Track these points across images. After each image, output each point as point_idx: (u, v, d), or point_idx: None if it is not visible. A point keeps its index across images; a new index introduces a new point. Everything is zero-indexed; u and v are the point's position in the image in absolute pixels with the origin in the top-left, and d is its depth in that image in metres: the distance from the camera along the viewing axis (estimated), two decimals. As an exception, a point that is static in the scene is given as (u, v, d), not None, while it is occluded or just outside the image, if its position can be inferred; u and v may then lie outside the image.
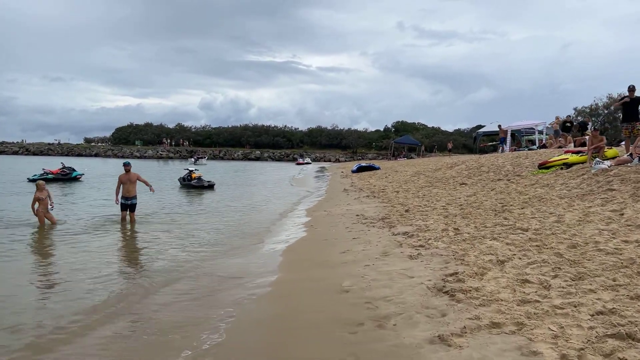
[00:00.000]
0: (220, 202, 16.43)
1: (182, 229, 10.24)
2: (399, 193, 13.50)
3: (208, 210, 13.98)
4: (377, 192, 14.52)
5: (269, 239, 8.85)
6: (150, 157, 73.89)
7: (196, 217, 12.31)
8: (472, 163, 18.70)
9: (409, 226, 7.82)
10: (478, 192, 11.15)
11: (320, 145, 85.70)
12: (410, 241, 6.53)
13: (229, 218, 12.25)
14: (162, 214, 12.95)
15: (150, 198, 16.52)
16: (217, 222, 11.56)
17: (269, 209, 14.39)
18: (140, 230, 10.28)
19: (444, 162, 23.02)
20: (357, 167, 29.84)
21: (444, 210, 9.07)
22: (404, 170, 23.66)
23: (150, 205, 14.40)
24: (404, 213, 9.41)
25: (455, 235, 6.59)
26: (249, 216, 12.94)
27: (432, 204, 10.27)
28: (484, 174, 15.01)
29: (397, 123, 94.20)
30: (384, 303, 4.12)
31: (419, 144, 50.10)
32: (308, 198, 16.85)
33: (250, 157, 77.44)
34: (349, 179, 23.78)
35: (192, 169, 21.38)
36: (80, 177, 23.03)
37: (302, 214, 11.99)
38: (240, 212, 13.53)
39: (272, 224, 10.92)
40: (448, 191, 12.38)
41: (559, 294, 3.79)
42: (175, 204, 15.68)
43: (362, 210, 10.58)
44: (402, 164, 34.18)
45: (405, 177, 19.46)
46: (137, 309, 4.93)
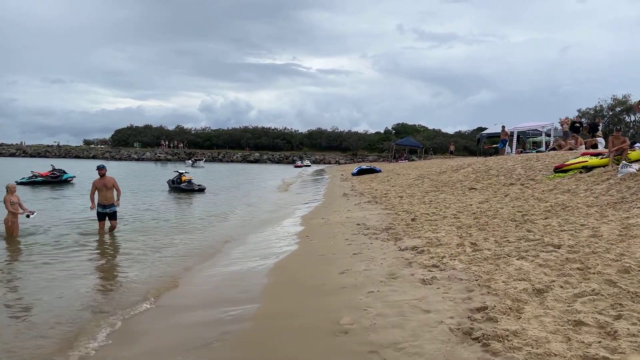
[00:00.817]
0: (210, 208, 15.46)
1: (156, 242, 9.23)
2: (402, 198, 12.51)
3: (191, 219, 12.95)
4: (379, 197, 13.53)
5: (256, 251, 7.86)
6: (148, 159, 73.01)
7: (174, 227, 11.27)
8: (478, 166, 17.71)
9: (418, 239, 6.83)
10: (491, 198, 10.16)
11: (320, 147, 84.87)
12: (421, 259, 5.54)
13: (213, 229, 11.26)
14: (144, 220, 12.00)
15: (133, 202, 15.56)
16: (200, 232, 10.61)
17: (260, 216, 13.41)
18: (118, 239, 9.31)
19: (449, 165, 22.02)
20: (357, 169, 28.85)
21: (456, 220, 8.08)
22: (406, 173, 22.66)
23: (131, 211, 13.43)
24: (410, 222, 8.42)
25: (474, 251, 5.60)
26: (236, 223, 11.97)
27: (441, 211, 9.28)
28: (493, 177, 14.03)
29: (398, 125, 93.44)
30: (394, 354, 3.13)
31: (421, 146, 49.09)
32: (304, 203, 15.85)
33: (250, 159, 76.52)
34: (349, 182, 22.79)
35: (182, 171, 20.40)
36: (71, 179, 22.05)
37: (297, 221, 10.97)
38: (228, 221, 12.56)
39: (260, 233, 9.95)
40: (457, 197, 11.39)
41: (633, 346, 2.80)
42: (160, 209, 14.72)
43: (363, 219, 9.59)
44: (403, 166, 33.18)
45: (409, 180, 18.47)
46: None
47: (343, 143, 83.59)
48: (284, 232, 9.72)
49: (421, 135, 78.23)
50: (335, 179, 28.06)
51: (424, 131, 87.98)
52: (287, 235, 9.13)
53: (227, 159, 76.97)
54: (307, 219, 10.94)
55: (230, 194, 20.81)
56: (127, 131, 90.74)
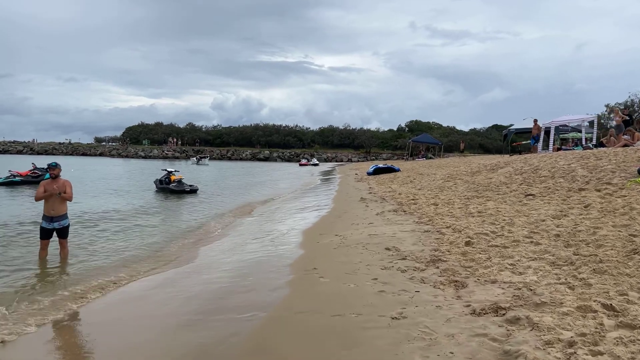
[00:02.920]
0: (191, 214, 12.98)
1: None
2: (438, 207, 9.84)
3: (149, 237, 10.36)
4: (406, 204, 10.87)
5: (223, 300, 5.24)
6: (155, 157, 71.24)
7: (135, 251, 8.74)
8: (519, 165, 14.93)
9: (493, 285, 4.20)
10: (566, 210, 7.44)
11: (331, 145, 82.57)
12: (526, 349, 2.89)
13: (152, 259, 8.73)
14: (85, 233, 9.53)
15: (101, 205, 13.07)
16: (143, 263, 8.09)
17: (246, 228, 10.86)
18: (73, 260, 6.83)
19: (479, 164, 19.23)
20: (373, 168, 26.16)
21: (536, 247, 5.43)
22: (430, 173, 19.93)
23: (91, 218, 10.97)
24: (465, 248, 5.78)
25: (620, 325, 2.97)
26: (200, 235, 9.42)
27: (504, 230, 6.61)
28: (548, 180, 11.27)
29: (411, 122, 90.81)
30: None
31: (440, 143, 46.09)
32: (308, 210, 13.23)
33: (259, 157, 74.31)
34: (365, 184, 20.12)
35: (171, 169, 17.97)
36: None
37: (295, 240, 8.30)
38: (193, 233, 10.04)
39: (233, 256, 7.36)
40: (513, 206, 8.69)
41: None
42: (139, 212, 12.26)
43: (393, 238, 6.97)
44: (423, 165, 30.41)
45: (436, 182, 15.75)
46: None
47: (355, 141, 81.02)
48: (271, 266, 7.02)
49: (436, 132, 75.15)
50: (349, 179, 25.38)
51: (439, 128, 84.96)
52: (274, 269, 6.42)
53: (236, 156, 74.85)
54: (313, 236, 8.30)
55: (218, 198, 18.29)
56: (137, 129, 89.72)
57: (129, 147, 78.07)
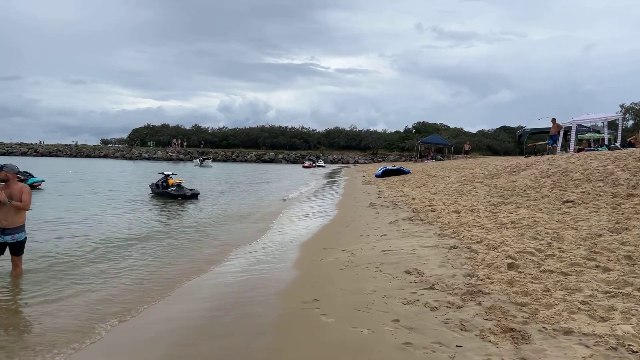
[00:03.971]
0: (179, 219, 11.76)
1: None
2: (461, 215, 8.53)
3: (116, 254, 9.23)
4: (422, 211, 9.57)
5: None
6: (159, 159, 70.28)
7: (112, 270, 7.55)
8: (545, 167, 13.57)
9: (570, 339, 2.91)
10: (624, 222, 6.11)
11: (338, 147, 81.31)
12: None
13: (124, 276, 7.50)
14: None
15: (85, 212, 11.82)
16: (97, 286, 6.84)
17: (223, 238, 9.61)
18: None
19: (496, 166, 17.86)
20: (382, 170, 24.82)
21: (603, 272, 4.13)
22: (443, 175, 18.58)
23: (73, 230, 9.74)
24: (509, 273, 4.48)
25: None
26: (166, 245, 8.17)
27: (550, 247, 5.29)
28: (584, 183, 9.92)
29: (418, 124, 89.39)
30: None
31: (449, 144, 44.56)
32: (311, 217, 11.95)
33: (264, 158, 73.13)
34: (373, 187, 18.81)
35: (168, 172, 16.73)
36: (39, 184, 18.61)
37: (293, 256, 7.02)
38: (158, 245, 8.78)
39: (196, 278, 6.11)
40: (552, 215, 7.36)
41: None
42: (119, 226, 11.05)
43: (412, 256, 5.68)
44: (433, 166, 29.02)
45: (452, 185, 14.42)
46: None
47: (362, 142, 79.65)
48: (266, 276, 5.79)
49: (444, 134, 73.61)
50: (356, 182, 24.06)
51: (446, 130, 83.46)
52: (270, 287, 5.19)
53: (240, 158, 73.77)
54: (316, 250, 7.00)
55: (214, 202, 17.13)
56: (144, 130, 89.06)
57: (133, 149, 77.28)
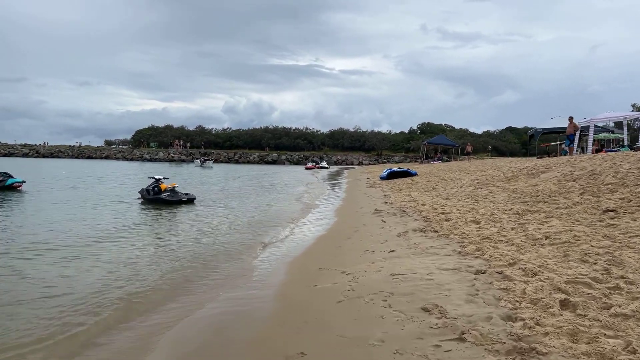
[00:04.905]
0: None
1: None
2: (481, 225, 7.32)
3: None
4: (435, 221, 8.37)
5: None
6: (161, 160, 69.38)
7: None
8: (567, 168, 12.35)
9: None
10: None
11: (342, 148, 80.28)
12: None
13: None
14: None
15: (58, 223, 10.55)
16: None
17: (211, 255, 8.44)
18: None
19: (511, 167, 16.61)
20: (387, 172, 23.60)
21: None
22: (453, 178, 17.36)
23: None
24: (566, 316, 3.30)
25: None
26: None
27: (610, 275, 4.09)
28: (619, 188, 8.70)
29: (423, 124, 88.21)
30: None
31: (456, 145, 43.28)
32: (308, 224, 10.76)
33: (267, 160, 72.09)
34: (378, 190, 17.61)
35: (159, 177, 15.55)
36: (19, 185, 17.55)
37: (278, 279, 5.80)
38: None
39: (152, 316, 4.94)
40: (594, 228, 6.14)
41: None
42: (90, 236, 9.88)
43: (429, 284, 4.50)
44: (440, 168, 27.79)
45: (465, 188, 13.21)
46: None
47: (366, 143, 78.50)
48: (239, 312, 4.58)
49: (449, 135, 72.32)
50: (360, 184, 22.85)
51: (451, 131, 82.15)
52: (242, 332, 4.00)
53: (243, 159, 72.78)
54: (309, 272, 5.79)
55: (204, 209, 15.98)
56: (147, 131, 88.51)
57: (134, 150, 76.54)
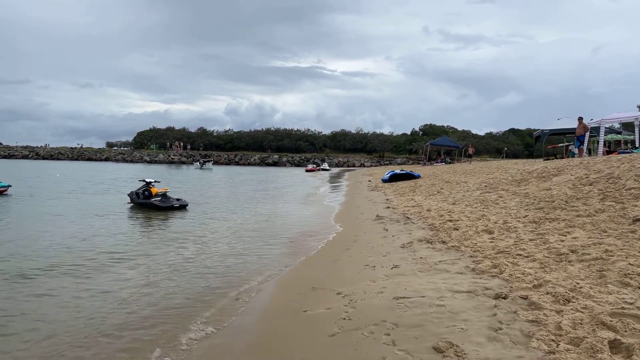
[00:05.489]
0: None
1: None
2: (494, 235, 6.56)
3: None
4: (443, 230, 7.61)
5: None
6: (161, 162, 68.74)
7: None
8: (580, 171, 11.56)
9: None
10: None
11: (344, 149, 79.65)
12: None
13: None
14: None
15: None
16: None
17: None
18: None
19: (519, 170, 15.83)
20: (389, 174, 22.87)
21: None
22: (459, 181, 16.59)
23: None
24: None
25: None
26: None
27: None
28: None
29: (425, 126, 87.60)
30: None
31: (460, 147, 42.49)
32: (291, 241, 9.97)
33: (268, 161, 71.41)
34: (380, 194, 16.86)
35: (149, 180, 14.76)
36: (5, 189, 16.83)
37: (261, 303, 5.02)
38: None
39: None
40: (627, 241, 5.37)
41: None
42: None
43: (440, 311, 3.75)
44: (444, 170, 27.04)
45: (472, 192, 12.45)
46: None
47: (368, 145, 77.80)
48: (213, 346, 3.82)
49: (452, 136, 71.57)
50: (361, 187, 22.11)
51: (454, 132, 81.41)
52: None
53: (244, 161, 72.14)
54: (299, 292, 5.04)
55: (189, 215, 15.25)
56: (149, 133, 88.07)
57: (134, 152, 76.00)
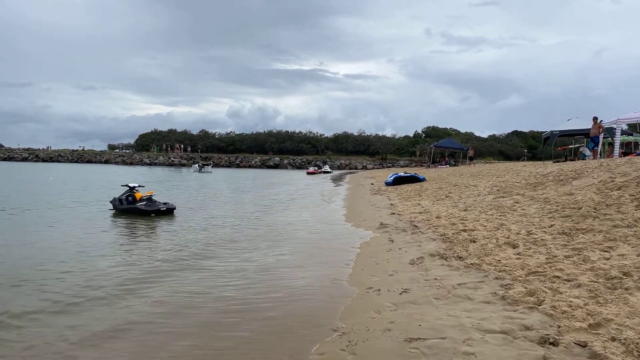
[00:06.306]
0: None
1: None
2: (519, 249, 5.60)
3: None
4: (457, 241, 6.65)
5: None
6: (161, 164, 67.95)
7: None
8: (603, 174, 10.59)
9: None
10: None
11: (346, 152, 78.80)
12: None
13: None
14: None
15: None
16: None
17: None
18: None
19: (531, 172, 14.85)
20: (393, 177, 21.92)
21: None
22: (467, 184, 15.62)
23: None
24: None
25: None
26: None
27: None
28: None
29: (428, 128, 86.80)
30: None
31: (465, 149, 41.47)
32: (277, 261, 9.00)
33: (269, 164, 70.52)
34: (384, 197, 15.90)
35: (133, 185, 13.84)
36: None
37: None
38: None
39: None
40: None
41: None
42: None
43: (466, 359, 2.80)
44: (449, 173, 26.05)
45: (484, 197, 11.48)
46: None
47: (370, 147, 76.92)
48: None
49: (455, 138, 70.62)
50: (363, 191, 21.13)
51: (457, 135, 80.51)
52: None
53: (244, 163, 71.27)
54: (279, 334, 4.09)
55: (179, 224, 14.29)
56: (150, 136, 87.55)
57: (134, 154, 75.36)
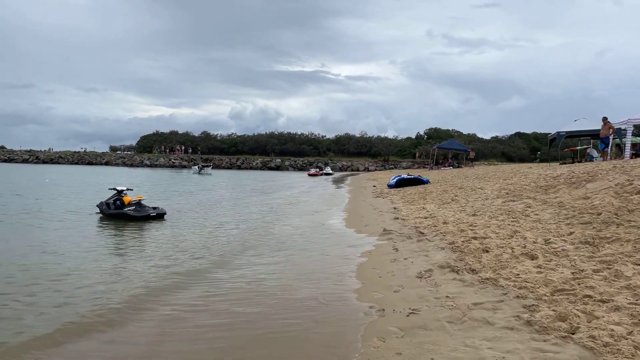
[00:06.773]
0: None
1: None
2: (539, 262, 5.01)
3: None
4: (467, 250, 6.05)
5: None
6: (162, 166, 67.50)
7: None
8: (621, 176, 9.98)
9: None
10: None
11: (348, 153, 78.23)
12: None
13: None
14: None
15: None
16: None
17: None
18: None
19: (540, 175, 14.23)
20: (396, 179, 21.30)
21: None
22: (474, 187, 14.99)
23: None
24: None
25: None
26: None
27: None
28: None
29: (430, 130, 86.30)
30: None
31: (468, 150, 40.87)
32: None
33: (270, 165, 69.99)
34: (386, 201, 15.29)
35: (121, 188, 13.24)
36: None
37: None
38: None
39: None
40: None
41: None
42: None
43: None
44: (453, 175, 25.42)
45: (492, 201, 10.87)
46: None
47: (372, 149, 76.36)
48: None
49: (459, 140, 69.97)
50: (365, 193, 20.52)
51: (459, 136, 79.90)
52: None
53: (245, 165, 70.78)
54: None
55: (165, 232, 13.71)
56: (152, 137, 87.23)
57: (135, 156, 74.99)
